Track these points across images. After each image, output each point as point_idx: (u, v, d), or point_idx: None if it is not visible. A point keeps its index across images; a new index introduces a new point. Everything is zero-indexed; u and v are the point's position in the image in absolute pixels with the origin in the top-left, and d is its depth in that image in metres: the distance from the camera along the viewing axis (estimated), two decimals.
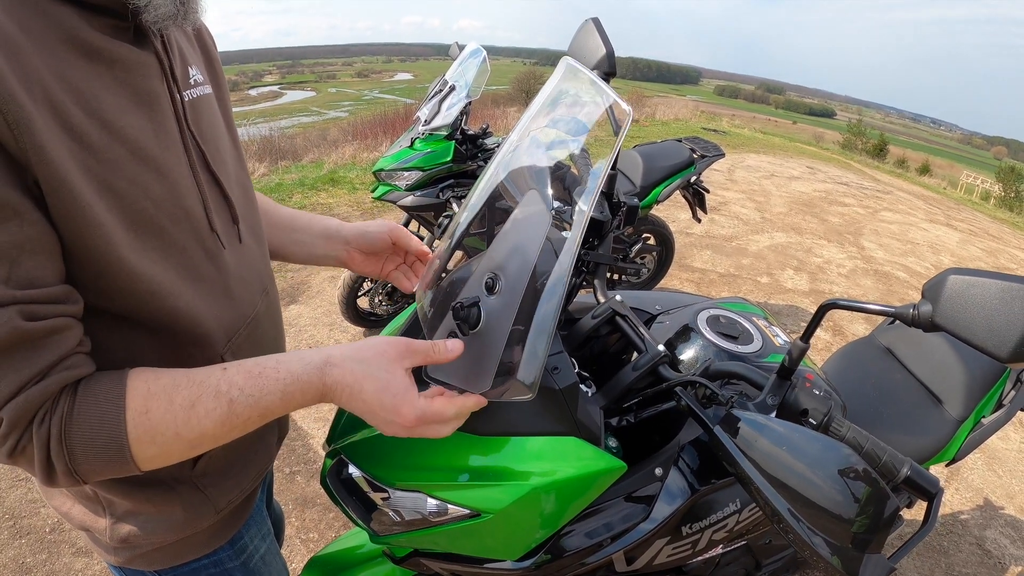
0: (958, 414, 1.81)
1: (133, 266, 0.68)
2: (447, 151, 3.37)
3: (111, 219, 0.65)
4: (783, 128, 37.43)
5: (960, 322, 0.77)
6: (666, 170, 3.77)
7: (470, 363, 0.83)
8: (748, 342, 1.30)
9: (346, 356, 0.76)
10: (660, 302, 1.46)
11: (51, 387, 0.64)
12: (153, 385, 0.69)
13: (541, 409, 0.96)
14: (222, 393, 0.71)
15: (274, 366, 0.74)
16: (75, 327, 0.67)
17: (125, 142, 0.68)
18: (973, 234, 9.23)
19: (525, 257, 0.83)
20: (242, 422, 0.73)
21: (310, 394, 0.75)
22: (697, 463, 1.14)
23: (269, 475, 1.35)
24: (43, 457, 0.65)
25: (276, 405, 0.74)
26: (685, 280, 5.14)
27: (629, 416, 1.13)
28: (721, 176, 9.38)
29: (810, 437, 0.85)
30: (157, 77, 0.74)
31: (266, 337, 0.98)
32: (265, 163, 8.53)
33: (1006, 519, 3.04)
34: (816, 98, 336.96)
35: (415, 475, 0.96)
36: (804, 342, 0.94)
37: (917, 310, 0.81)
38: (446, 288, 0.95)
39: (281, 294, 4.25)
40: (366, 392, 0.75)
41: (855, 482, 0.81)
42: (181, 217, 0.76)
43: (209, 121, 0.87)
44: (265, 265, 1.01)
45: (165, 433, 0.69)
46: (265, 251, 1.02)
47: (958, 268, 0.78)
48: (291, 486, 2.69)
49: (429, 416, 0.78)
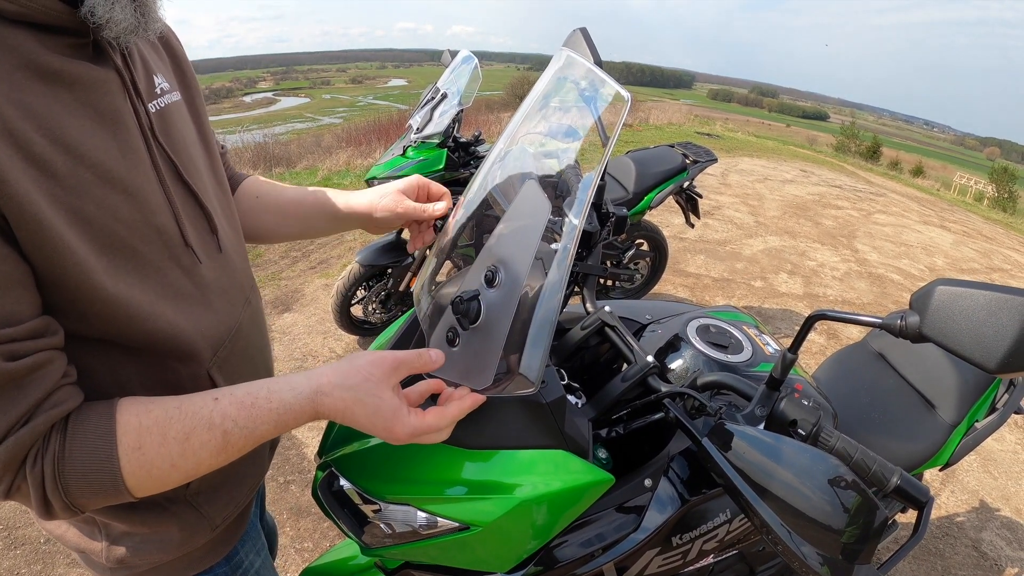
0: (951, 419, 1.81)
1: (109, 291, 0.67)
2: (439, 159, 3.38)
3: (83, 246, 0.64)
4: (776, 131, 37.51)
5: (948, 333, 0.77)
6: (659, 176, 3.77)
7: (471, 358, 0.83)
8: (738, 351, 1.30)
9: (335, 384, 0.76)
10: (650, 311, 1.46)
11: (40, 427, 0.63)
12: (144, 419, 0.69)
13: (529, 423, 0.95)
14: (216, 425, 0.71)
15: (266, 396, 0.74)
16: (58, 359, 0.66)
17: (90, 166, 0.66)
18: (967, 235, 9.25)
19: (526, 248, 0.83)
20: (237, 451, 0.74)
21: (303, 419, 0.76)
22: (687, 473, 1.14)
23: (261, 488, 1.35)
24: (39, 496, 0.64)
25: (270, 433, 0.75)
26: (679, 285, 5.14)
27: (619, 427, 1.13)
28: (715, 180, 9.39)
29: (798, 448, 0.85)
30: (119, 94, 0.72)
31: (252, 347, 0.98)
32: (259, 169, 8.55)
33: (1002, 520, 3.04)
34: (809, 101, 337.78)
35: (405, 488, 0.96)
36: (792, 353, 0.94)
37: (905, 321, 0.81)
38: (443, 288, 0.95)
39: (274, 302, 4.25)
40: (358, 417, 0.76)
41: (844, 492, 0.81)
42: (153, 236, 0.75)
43: (179, 129, 0.85)
44: (246, 273, 1.00)
45: (161, 466, 0.69)
46: (245, 258, 1.02)
47: (946, 279, 0.78)
48: (285, 495, 2.69)
49: (421, 431, 0.79)
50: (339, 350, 3.71)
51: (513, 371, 0.79)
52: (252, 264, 4.72)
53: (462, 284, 0.86)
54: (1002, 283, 4.63)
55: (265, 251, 5.10)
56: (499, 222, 0.86)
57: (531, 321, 0.79)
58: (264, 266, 4.83)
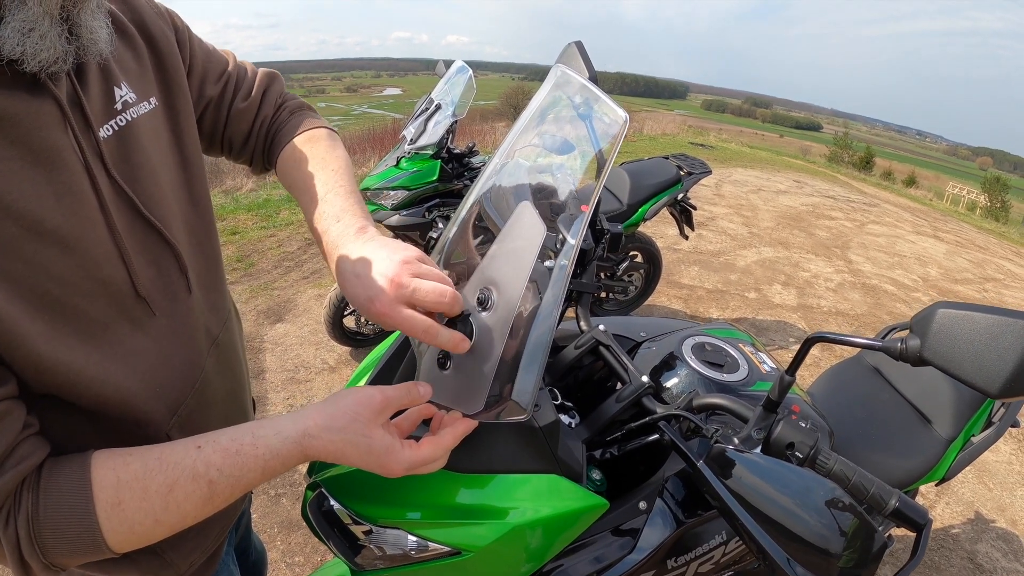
0: (947, 434, 1.81)
1: (47, 356, 0.61)
2: (433, 170, 3.37)
3: (13, 309, 0.58)
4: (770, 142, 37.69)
5: (949, 357, 0.76)
6: (653, 188, 3.77)
7: (462, 381, 0.81)
8: (734, 370, 1.28)
9: (322, 427, 0.71)
10: (645, 328, 1.45)
11: (8, 485, 0.59)
12: (123, 473, 0.64)
13: (522, 447, 0.94)
14: (200, 475, 0.66)
15: (251, 442, 0.69)
16: (16, 408, 0.61)
17: (17, 218, 0.58)
18: (960, 245, 9.31)
19: (519, 272, 0.79)
20: (223, 500, 0.69)
21: (291, 464, 0.72)
22: (682, 495, 1.13)
23: (246, 517, 1.31)
24: (16, 557, 0.61)
25: (257, 480, 0.70)
26: (673, 297, 5.13)
27: (613, 449, 1.11)
28: (708, 191, 9.42)
29: (795, 473, 0.84)
30: (58, 127, 0.63)
31: (218, 396, 0.92)
32: (253, 178, 8.51)
33: (997, 532, 3.04)
34: (802, 112, 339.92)
35: (396, 512, 0.94)
36: (790, 375, 0.93)
37: (905, 344, 0.80)
38: None
39: (267, 312, 4.22)
40: (350, 458, 0.73)
41: (841, 516, 0.80)
42: (97, 291, 0.67)
43: (144, 149, 0.76)
44: (216, 311, 0.93)
45: (143, 522, 0.64)
46: (219, 287, 0.95)
47: (946, 302, 0.77)
48: (276, 508, 2.66)
49: (418, 464, 0.76)
50: (331, 361, 3.69)
51: (505, 397, 0.78)
52: (245, 273, 4.72)
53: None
54: (995, 293, 4.65)
55: (259, 260, 5.08)
56: (492, 243, 0.84)
57: (524, 345, 0.77)
58: (257, 275, 4.81)
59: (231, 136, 1.03)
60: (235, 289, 4.52)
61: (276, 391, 3.38)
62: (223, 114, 0.99)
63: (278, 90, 1.07)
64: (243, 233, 5.72)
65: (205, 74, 0.95)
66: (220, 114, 0.99)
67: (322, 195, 0.90)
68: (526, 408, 0.76)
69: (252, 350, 3.76)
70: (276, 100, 1.05)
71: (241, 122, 1.02)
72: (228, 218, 6.13)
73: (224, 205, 6.68)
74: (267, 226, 5.97)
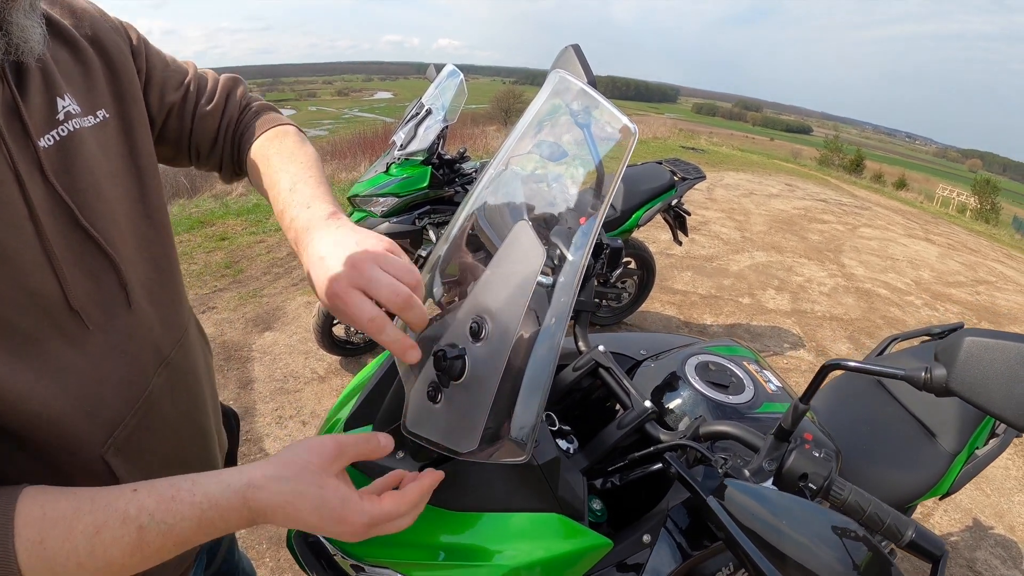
0: (952, 447, 1.78)
1: None
2: (423, 177, 3.31)
3: None
4: (760, 145, 37.85)
5: (977, 388, 0.71)
6: (647, 193, 3.73)
7: (454, 417, 0.75)
8: (739, 391, 1.23)
9: (269, 476, 0.65)
10: (645, 345, 1.39)
11: None
12: (50, 509, 0.59)
13: (519, 485, 0.88)
14: (130, 519, 0.60)
15: (189, 488, 0.63)
16: None
17: None
18: (952, 248, 9.34)
19: (516, 300, 0.74)
20: (155, 551, 0.62)
21: (234, 520, 0.65)
22: (687, 525, 1.07)
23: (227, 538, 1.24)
24: None
25: (192, 533, 0.63)
26: (667, 303, 5.09)
27: (614, 478, 1.06)
28: (700, 195, 9.41)
29: (809, 509, 0.79)
30: None
31: (167, 419, 0.85)
32: (243, 183, 8.45)
33: (996, 539, 3.02)
34: (793, 115, 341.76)
35: (387, 552, 0.88)
36: (804, 403, 0.88)
37: (930, 374, 0.75)
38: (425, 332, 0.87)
39: (255, 320, 4.16)
40: (303, 512, 0.66)
41: (855, 546, 0.75)
42: (26, 302, 0.63)
43: (87, 160, 0.73)
44: (169, 328, 0.87)
45: (65, 564, 0.58)
46: (175, 306, 0.89)
47: (973, 329, 0.73)
48: (265, 525, 2.60)
49: (380, 519, 0.69)
50: (321, 371, 3.63)
51: (503, 435, 0.72)
52: (233, 280, 4.65)
53: (445, 334, 0.77)
54: (988, 295, 4.64)
55: (247, 267, 5.02)
56: (487, 267, 0.78)
57: (522, 378, 0.71)
58: (245, 282, 4.74)
59: (198, 141, 1.00)
60: (223, 296, 4.46)
61: (264, 402, 3.32)
62: (187, 119, 0.97)
63: (242, 92, 1.05)
64: (232, 239, 5.66)
65: (164, 82, 0.93)
66: (184, 120, 0.97)
67: (291, 186, 0.88)
68: (525, 448, 0.71)
69: (240, 359, 3.69)
70: (240, 102, 1.04)
71: (207, 126, 1.00)
72: (217, 223, 6.07)
73: (213, 210, 6.62)
74: (256, 231, 5.91)
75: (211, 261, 5.06)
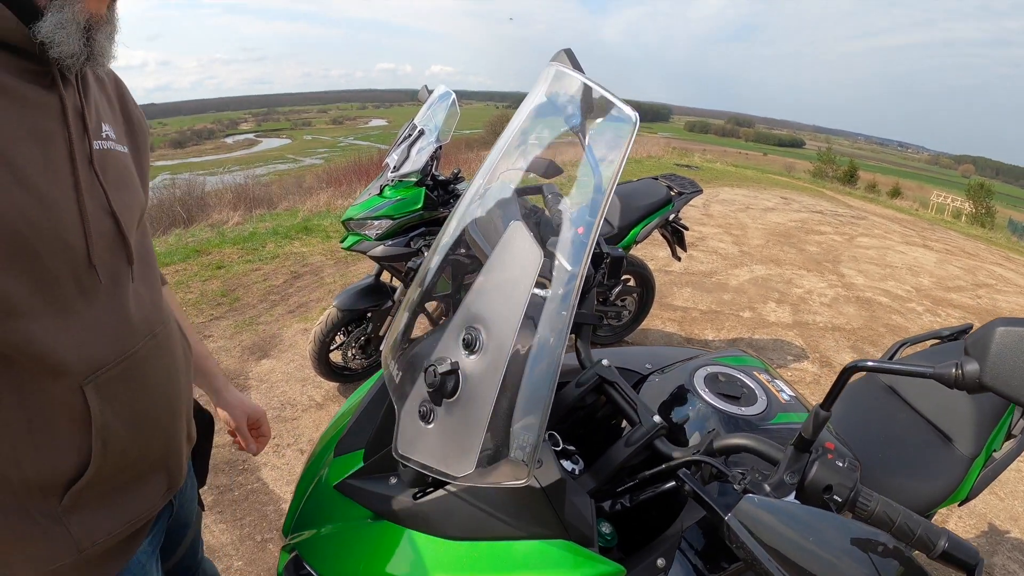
0: (969, 451, 1.72)
1: None
2: (417, 198, 3.26)
3: None
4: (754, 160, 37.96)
5: (1013, 382, 0.65)
6: (644, 209, 3.69)
7: (449, 439, 0.69)
8: (751, 403, 1.17)
9: None
10: (650, 359, 1.33)
11: None
12: None
13: (521, 510, 0.81)
14: None
15: None
16: None
17: (12, 168, 0.72)
18: (950, 253, 9.32)
19: (512, 306, 0.69)
20: None
21: None
22: (703, 546, 1.00)
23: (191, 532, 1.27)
24: None
25: None
26: (667, 320, 5.04)
27: (624, 499, 0.99)
28: (697, 211, 9.40)
29: (836, 524, 0.73)
30: (57, 119, 0.80)
31: (145, 383, 0.95)
32: (239, 211, 8.45)
33: (1012, 543, 2.96)
34: (785, 129, 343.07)
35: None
36: (826, 409, 0.82)
37: (961, 370, 0.70)
38: (416, 349, 0.82)
39: (252, 348, 4.10)
40: None
41: (885, 563, 0.69)
42: (58, 248, 0.78)
43: (119, 173, 0.91)
44: (154, 309, 1.00)
45: None
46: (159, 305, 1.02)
47: (1005, 319, 0.67)
48: (262, 555, 2.52)
49: None
50: (318, 398, 3.56)
51: (501, 456, 0.66)
52: (230, 308, 4.62)
53: (436, 348, 0.72)
54: (989, 298, 4.57)
55: (243, 295, 4.96)
56: (479, 273, 0.72)
57: (520, 392, 0.65)
58: (242, 310, 4.68)
59: None
60: (220, 324, 4.40)
61: None
62: None
63: None
64: (228, 267, 5.60)
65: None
66: None
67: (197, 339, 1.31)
68: (527, 467, 0.64)
69: (237, 388, 3.62)
70: None
71: None
72: (214, 252, 6.01)
73: (210, 239, 6.57)
74: (253, 260, 5.86)
75: (207, 290, 5.01)
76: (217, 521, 2.67)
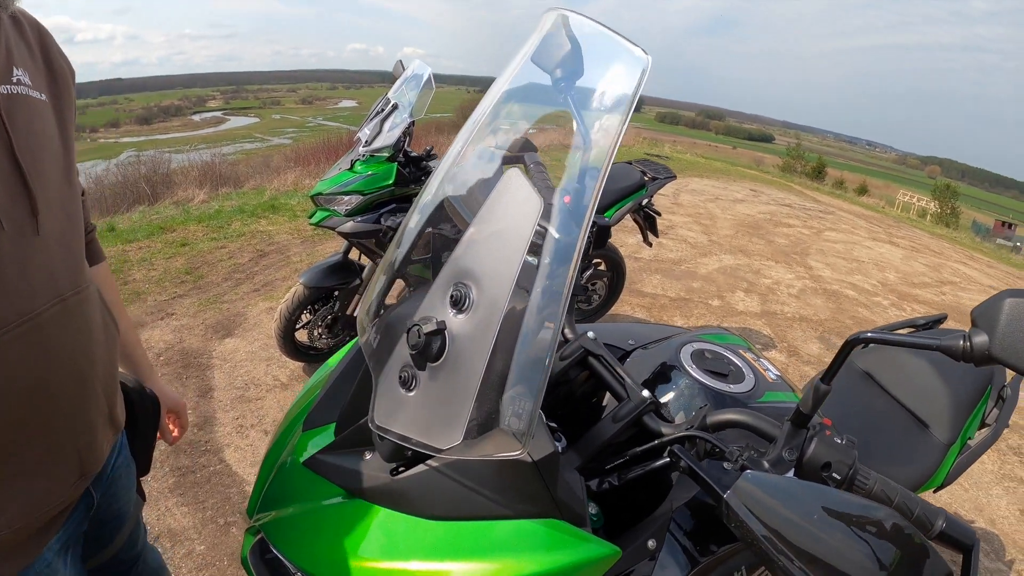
0: (946, 438, 1.73)
1: None
2: (389, 174, 3.18)
3: None
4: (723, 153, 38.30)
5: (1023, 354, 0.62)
6: (617, 193, 3.65)
7: (433, 408, 0.63)
8: (739, 380, 1.13)
9: None
10: (634, 335, 1.29)
11: None
12: None
13: (509, 486, 0.75)
14: None
15: None
16: None
17: None
18: (915, 250, 9.49)
19: (507, 258, 0.63)
20: None
21: None
22: (694, 528, 0.96)
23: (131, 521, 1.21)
24: None
25: None
26: (636, 305, 5.03)
27: (612, 478, 0.93)
28: (667, 200, 9.43)
29: (841, 500, 0.70)
30: None
31: (50, 351, 0.87)
32: (205, 189, 8.29)
33: (979, 533, 2.97)
34: (755, 124, 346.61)
35: (349, 572, 0.75)
36: (826, 383, 0.79)
37: (969, 342, 0.66)
38: (397, 310, 0.76)
39: (215, 326, 3.99)
40: None
41: (895, 545, 0.66)
42: None
43: (29, 121, 0.86)
44: (71, 273, 0.93)
45: None
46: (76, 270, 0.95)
47: (1014, 290, 0.64)
48: (225, 539, 2.45)
49: None
50: (283, 377, 3.48)
51: (493, 426, 0.60)
52: (194, 286, 4.50)
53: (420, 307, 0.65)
54: (953, 295, 4.63)
55: (207, 273, 4.84)
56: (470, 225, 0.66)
57: (515, 356, 0.59)
58: (206, 288, 4.57)
59: None
60: (183, 302, 4.29)
61: (225, 411, 3.16)
62: None
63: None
64: (193, 245, 5.47)
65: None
66: None
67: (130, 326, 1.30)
68: (521, 439, 0.59)
69: (199, 367, 3.53)
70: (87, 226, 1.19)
71: None
72: (178, 229, 5.87)
73: (175, 216, 6.42)
74: (218, 237, 5.73)
75: (171, 267, 4.88)
76: (179, 504, 2.58)
